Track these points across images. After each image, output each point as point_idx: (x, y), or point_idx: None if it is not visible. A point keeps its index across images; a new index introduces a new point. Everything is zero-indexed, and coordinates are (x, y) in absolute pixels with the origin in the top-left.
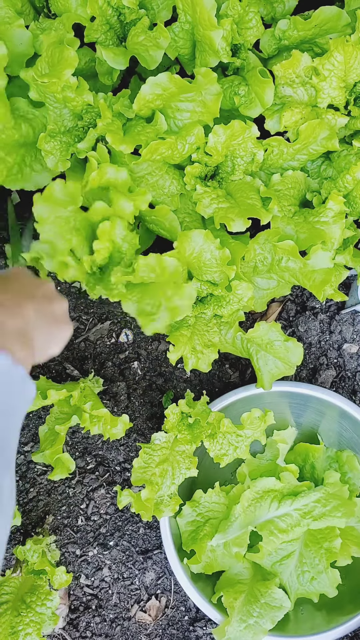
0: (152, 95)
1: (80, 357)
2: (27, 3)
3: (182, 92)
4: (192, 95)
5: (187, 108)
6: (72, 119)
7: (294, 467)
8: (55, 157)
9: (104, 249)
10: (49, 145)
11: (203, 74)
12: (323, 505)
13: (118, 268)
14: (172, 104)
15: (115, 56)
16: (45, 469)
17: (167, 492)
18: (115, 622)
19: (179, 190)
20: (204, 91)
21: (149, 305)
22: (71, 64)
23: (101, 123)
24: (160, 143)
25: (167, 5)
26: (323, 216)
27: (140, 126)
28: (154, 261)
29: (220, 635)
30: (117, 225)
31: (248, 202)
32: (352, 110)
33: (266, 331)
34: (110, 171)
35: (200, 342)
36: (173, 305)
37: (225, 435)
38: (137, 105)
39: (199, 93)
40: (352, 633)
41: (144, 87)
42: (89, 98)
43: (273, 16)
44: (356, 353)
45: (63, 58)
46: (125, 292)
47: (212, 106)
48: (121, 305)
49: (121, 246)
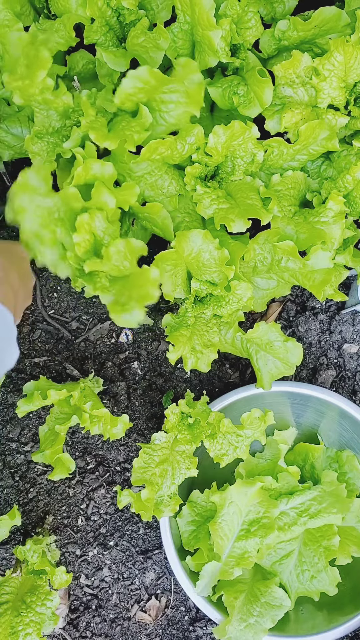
0: (134, 89)
1: (80, 357)
2: (27, 4)
3: (163, 84)
4: (175, 86)
5: (171, 99)
6: (60, 118)
7: (295, 468)
8: (42, 158)
9: (84, 242)
10: (36, 146)
11: (182, 64)
12: (319, 502)
13: (93, 258)
14: (156, 97)
15: (115, 58)
16: (45, 469)
17: (167, 492)
18: (115, 622)
19: (178, 190)
20: (186, 81)
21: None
22: (45, 65)
23: (84, 121)
24: (160, 142)
25: (166, 5)
26: (323, 216)
27: (125, 121)
28: (123, 246)
29: (220, 634)
30: (96, 218)
31: (248, 203)
32: (352, 110)
33: (266, 331)
34: (95, 166)
35: (200, 342)
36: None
37: (225, 435)
38: (118, 99)
39: (181, 83)
40: (352, 633)
41: (125, 81)
42: (68, 99)
43: (273, 16)
44: (356, 353)
45: (37, 59)
46: (108, 285)
47: (195, 95)
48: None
49: (102, 239)
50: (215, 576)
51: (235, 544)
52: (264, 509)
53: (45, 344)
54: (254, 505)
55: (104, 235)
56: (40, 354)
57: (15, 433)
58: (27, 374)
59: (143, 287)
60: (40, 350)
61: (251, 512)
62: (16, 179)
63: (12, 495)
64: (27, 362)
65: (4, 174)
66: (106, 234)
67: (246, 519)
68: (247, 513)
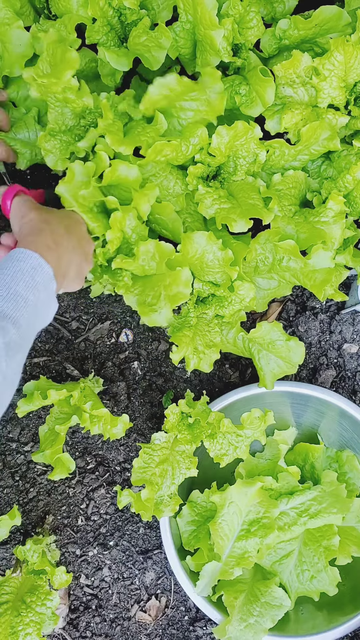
0: (159, 96)
1: (80, 357)
2: (27, 4)
3: (187, 91)
4: (196, 95)
5: (191, 107)
6: (74, 117)
7: (295, 469)
8: (55, 155)
9: (116, 239)
10: (49, 144)
11: (209, 73)
12: (319, 502)
13: (121, 255)
14: (176, 104)
15: (118, 58)
16: (45, 469)
17: (167, 492)
18: (115, 622)
19: (183, 190)
20: (209, 90)
21: (150, 296)
22: (73, 65)
23: (102, 123)
24: (165, 145)
25: (167, 5)
26: (323, 216)
27: (141, 127)
28: (153, 247)
29: (220, 634)
30: (128, 217)
31: (250, 203)
32: (352, 110)
33: (268, 331)
34: (122, 168)
35: (202, 342)
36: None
37: (225, 435)
38: (143, 106)
39: (203, 92)
40: (352, 633)
41: (151, 88)
42: (89, 101)
43: (273, 16)
44: (356, 353)
45: (65, 59)
46: (131, 284)
47: (217, 105)
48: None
49: (130, 237)
50: (215, 576)
51: (236, 544)
52: (264, 509)
53: (45, 344)
54: (254, 505)
55: (132, 233)
56: (40, 354)
57: (15, 433)
58: (27, 373)
59: (175, 288)
60: (40, 350)
61: (251, 512)
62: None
63: (12, 495)
64: (27, 362)
65: (4, 174)
66: (135, 232)
67: (246, 519)
68: (247, 513)
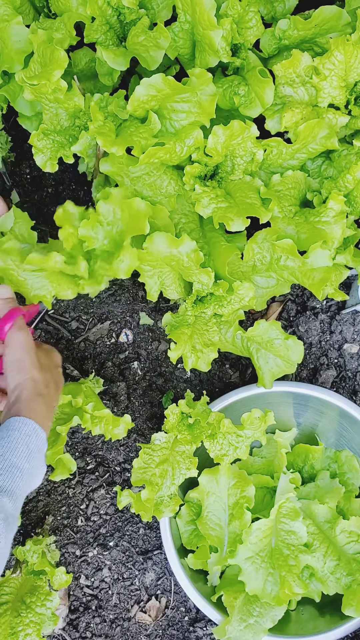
0: (147, 97)
1: (80, 357)
2: (26, 2)
3: (176, 93)
4: (188, 96)
5: (183, 109)
6: (69, 118)
7: (295, 476)
8: (45, 155)
9: None
10: (41, 143)
11: (197, 74)
12: (312, 498)
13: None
14: (167, 105)
15: (115, 57)
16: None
17: (167, 493)
18: (115, 622)
19: (177, 190)
20: (199, 92)
21: None
22: (61, 64)
23: (92, 126)
24: (159, 149)
25: (166, 5)
26: (324, 216)
27: (134, 127)
28: None
29: (220, 634)
30: None
31: (247, 202)
32: (352, 110)
33: (266, 329)
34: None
35: (200, 341)
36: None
37: (226, 436)
38: (131, 106)
39: (194, 94)
40: (352, 634)
41: (138, 89)
42: (79, 101)
43: (273, 16)
44: (356, 353)
45: (54, 59)
46: None
47: (207, 107)
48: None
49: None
50: (221, 560)
51: (230, 530)
52: (240, 489)
53: None
54: (230, 488)
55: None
56: None
57: None
58: None
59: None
60: None
61: (230, 495)
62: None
63: None
64: None
65: (4, 173)
66: None
67: (230, 503)
68: (227, 497)
